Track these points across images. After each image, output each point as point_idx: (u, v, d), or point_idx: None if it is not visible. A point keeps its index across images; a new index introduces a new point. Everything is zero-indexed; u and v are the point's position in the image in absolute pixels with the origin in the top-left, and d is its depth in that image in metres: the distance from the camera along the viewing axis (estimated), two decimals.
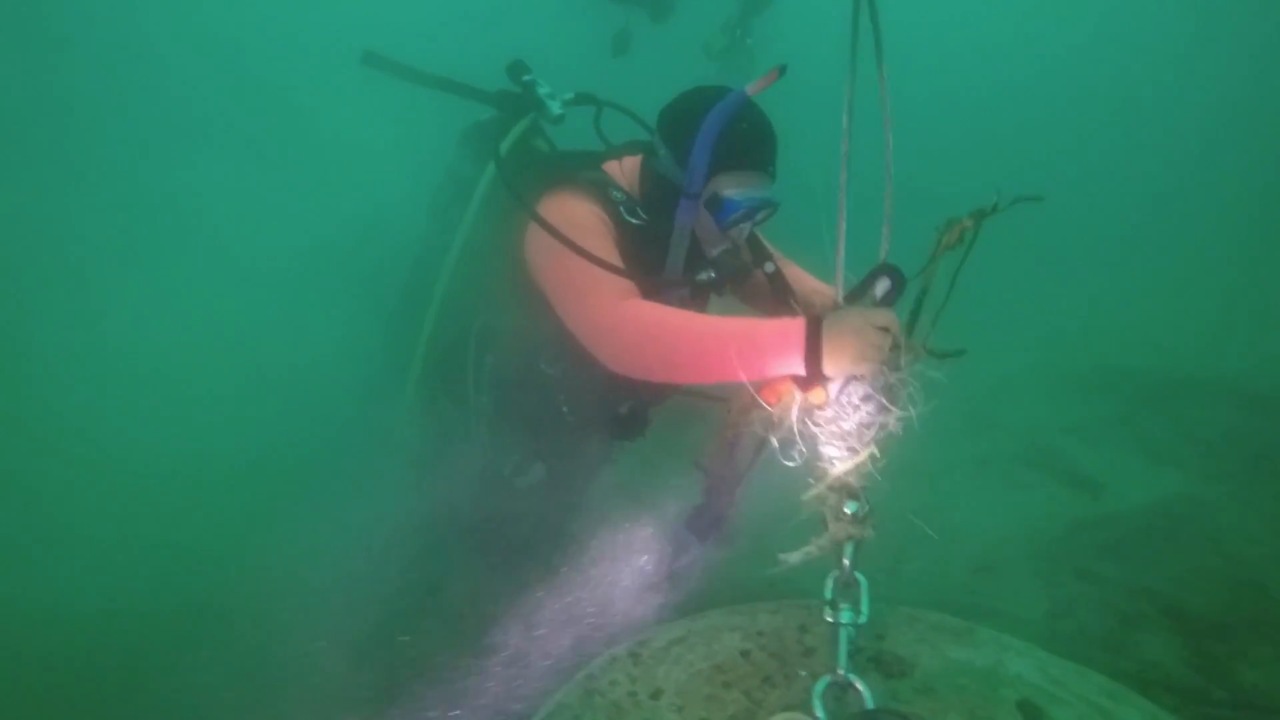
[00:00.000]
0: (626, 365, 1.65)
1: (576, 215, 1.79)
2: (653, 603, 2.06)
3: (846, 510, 1.40)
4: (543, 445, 2.32)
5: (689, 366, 1.57)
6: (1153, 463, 3.96)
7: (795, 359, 1.43)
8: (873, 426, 1.42)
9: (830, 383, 1.45)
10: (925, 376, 1.45)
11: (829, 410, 1.44)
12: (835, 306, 1.56)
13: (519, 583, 2.20)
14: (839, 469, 1.42)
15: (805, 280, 2.20)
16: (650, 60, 7.89)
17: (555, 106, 2.27)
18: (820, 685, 1.29)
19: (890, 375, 1.41)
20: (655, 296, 1.78)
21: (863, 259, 1.57)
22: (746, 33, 8.07)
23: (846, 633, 1.36)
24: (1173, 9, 16.49)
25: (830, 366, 1.41)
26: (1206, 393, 4.78)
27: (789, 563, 1.47)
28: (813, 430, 1.46)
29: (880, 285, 1.52)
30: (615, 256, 1.75)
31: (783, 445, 1.53)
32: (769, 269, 2.07)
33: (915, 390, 1.43)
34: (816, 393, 1.46)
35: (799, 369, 1.44)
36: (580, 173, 1.92)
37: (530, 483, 2.38)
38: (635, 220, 1.88)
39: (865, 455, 1.41)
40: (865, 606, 1.38)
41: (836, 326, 1.42)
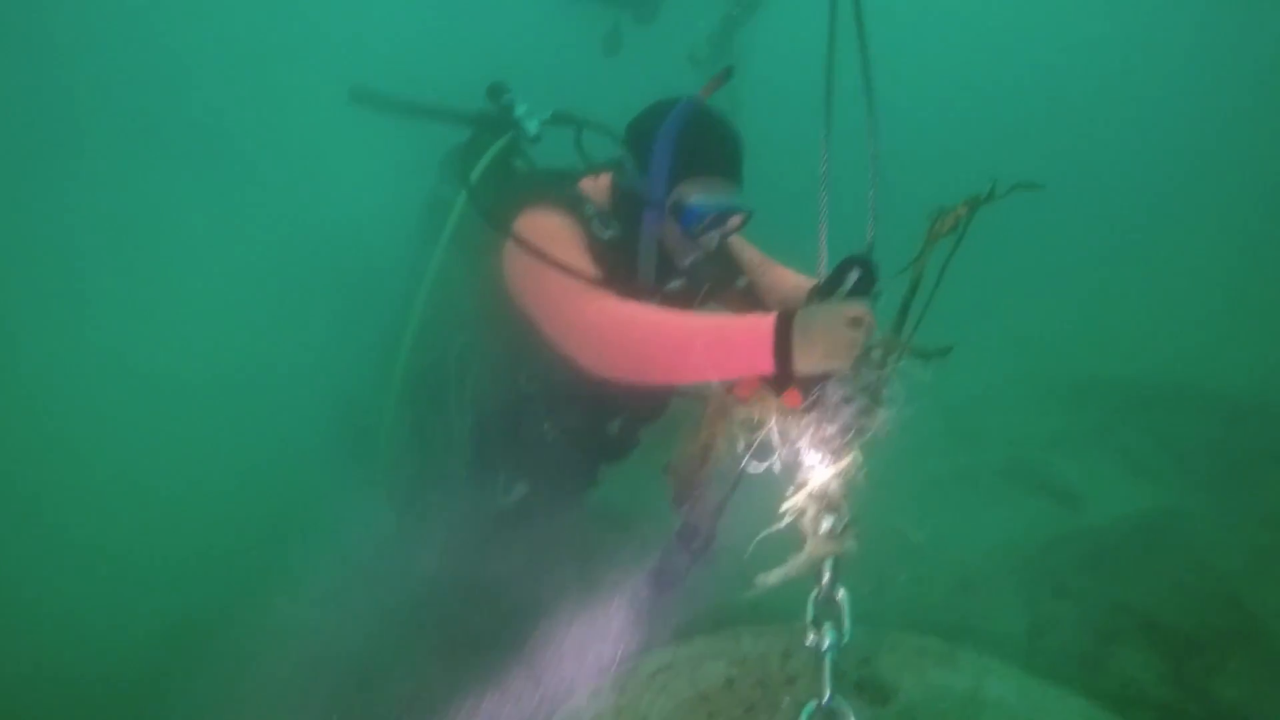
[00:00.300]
0: (603, 365, 1.66)
1: (550, 230, 1.82)
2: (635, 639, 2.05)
3: (824, 525, 1.34)
4: (525, 463, 2.33)
5: (662, 363, 1.57)
6: (1132, 474, 4.01)
7: (765, 356, 1.39)
8: (854, 430, 1.35)
9: (804, 383, 1.39)
10: (909, 379, 1.37)
11: (809, 414, 1.38)
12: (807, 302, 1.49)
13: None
14: (818, 478, 1.35)
15: (788, 280, 2.21)
16: (642, 64, 7.91)
17: (532, 126, 2.31)
18: (806, 712, 1.28)
19: (868, 372, 1.35)
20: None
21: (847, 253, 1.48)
22: (730, 42, 8.12)
23: (830, 655, 1.34)
24: (1153, 17, 16.76)
25: (801, 363, 1.36)
26: (1186, 403, 4.82)
27: (767, 584, 1.41)
28: (792, 436, 1.41)
29: (850, 277, 1.44)
30: (590, 267, 1.77)
31: (761, 451, 1.51)
32: (741, 284, 2.09)
33: (898, 390, 1.35)
34: (791, 395, 1.41)
35: (769, 367, 1.39)
36: (554, 190, 1.96)
37: (513, 502, 2.38)
38: (607, 234, 1.91)
39: (847, 461, 1.34)
40: (848, 625, 1.33)
41: (806, 322, 1.37)
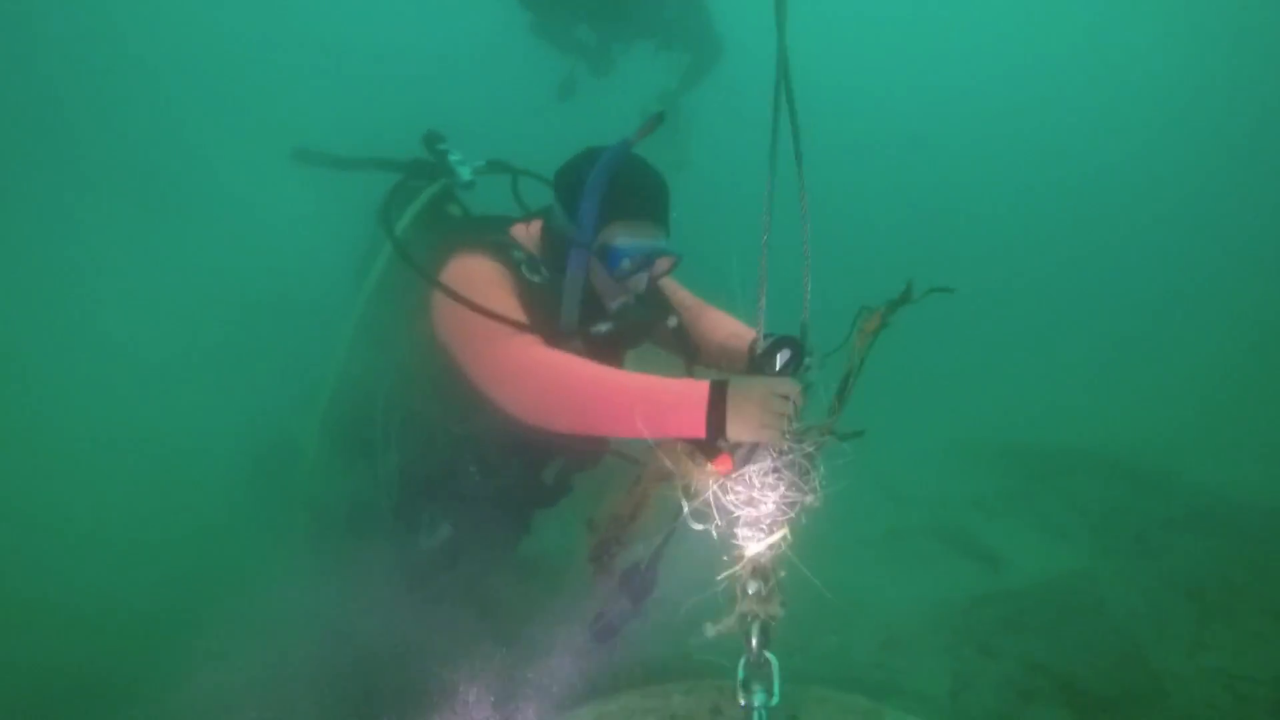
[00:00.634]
0: (528, 412, 1.66)
1: (477, 274, 1.84)
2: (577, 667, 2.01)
3: (750, 589, 1.41)
4: (450, 506, 2.29)
5: (590, 417, 1.59)
6: (1048, 537, 4.18)
7: (697, 422, 1.45)
8: (783, 505, 1.43)
9: (732, 450, 1.46)
10: (836, 453, 1.48)
11: (737, 485, 1.45)
12: (744, 370, 1.62)
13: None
14: (750, 550, 1.42)
15: (722, 326, 2.24)
16: (594, 109, 8.10)
17: (466, 173, 2.35)
18: None
19: (792, 448, 1.43)
20: (553, 348, 1.80)
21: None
22: (681, 100, 8.41)
23: (759, 716, 1.36)
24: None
25: (733, 431, 1.43)
26: (1098, 471, 5.09)
27: (706, 635, 1.45)
28: (724, 505, 1.45)
29: (781, 355, 1.59)
30: (516, 310, 1.79)
31: (696, 514, 1.54)
32: (672, 323, 2.11)
33: (822, 467, 1.45)
34: (721, 461, 1.47)
35: (699, 432, 1.45)
36: (483, 235, 1.98)
37: (436, 543, 2.32)
38: (536, 278, 1.92)
39: (777, 536, 1.41)
40: (776, 688, 1.39)
41: (741, 392, 1.44)
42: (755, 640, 1.41)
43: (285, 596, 2.44)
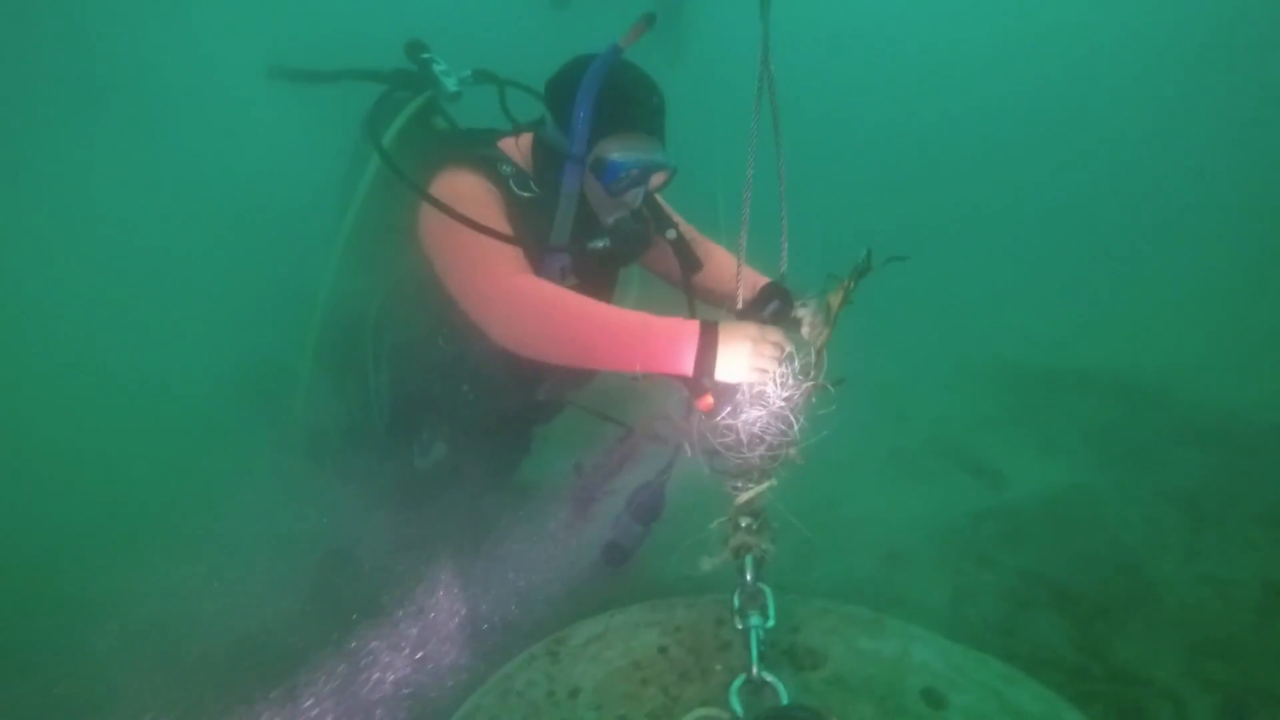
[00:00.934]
0: (514, 339, 1.64)
1: (463, 189, 1.79)
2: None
3: (742, 523, 1.47)
4: (444, 424, 2.28)
5: (578, 349, 1.58)
6: (1047, 453, 4.22)
7: (686, 360, 1.46)
8: (769, 455, 1.47)
9: (715, 391, 1.48)
10: (839, 372, 1.51)
11: (728, 433, 1.48)
12: (734, 309, 1.64)
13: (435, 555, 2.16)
14: (742, 498, 1.48)
15: (719, 256, 2.21)
16: (590, 21, 7.73)
17: (451, 84, 2.24)
18: (737, 683, 1.31)
19: (778, 394, 1.46)
20: (541, 263, 1.79)
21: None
22: (679, 13, 8.05)
23: (756, 634, 1.39)
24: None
25: (721, 372, 1.45)
26: (1095, 388, 5.13)
27: (702, 569, 1.52)
28: (718, 455, 1.50)
29: (771, 306, 1.60)
30: (506, 228, 1.74)
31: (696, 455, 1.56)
32: (670, 235, 2.07)
33: (811, 410, 1.49)
34: (704, 401, 1.50)
35: (687, 370, 1.47)
36: (470, 149, 1.91)
37: (431, 462, 2.33)
38: (526, 193, 1.87)
39: (764, 487, 1.47)
40: (772, 612, 1.43)
41: (734, 335, 1.45)
42: (749, 574, 1.45)
43: (275, 511, 2.46)
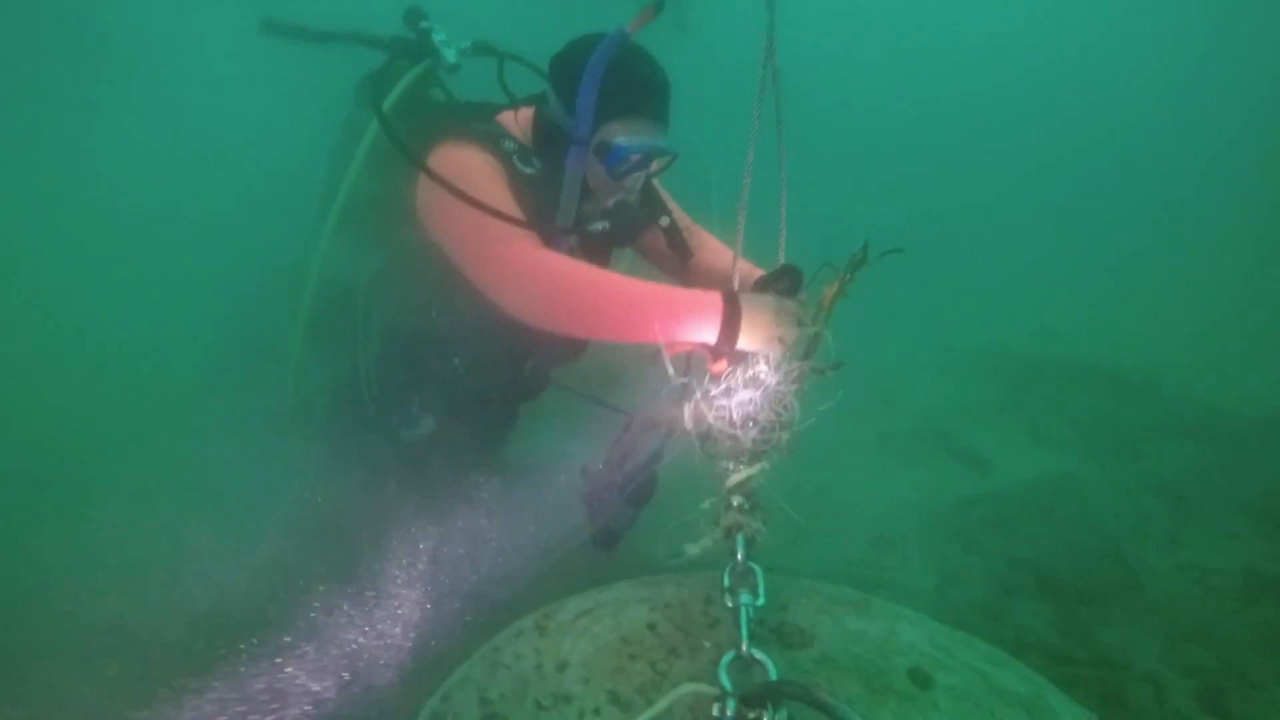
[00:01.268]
0: (534, 314, 1.62)
1: (468, 165, 1.75)
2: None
3: (734, 503, 1.47)
4: (432, 398, 2.26)
5: (599, 322, 1.57)
6: (1035, 442, 4.25)
7: (709, 329, 1.47)
8: (763, 435, 1.47)
9: (735, 358, 1.49)
10: (830, 360, 1.51)
11: (722, 411, 1.48)
12: (745, 287, 1.64)
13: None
14: (734, 479, 1.47)
15: (711, 246, 2.20)
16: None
17: (451, 55, 2.19)
18: (726, 658, 1.31)
19: (794, 367, 1.47)
20: (548, 244, 1.75)
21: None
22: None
23: (746, 612, 1.38)
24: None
25: (746, 341, 1.46)
26: (1083, 379, 5.18)
27: (689, 554, 1.51)
28: (712, 437, 1.49)
29: (782, 285, 1.62)
30: (511, 205, 1.71)
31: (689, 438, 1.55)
32: (664, 222, 2.06)
33: (802, 395, 1.49)
34: (719, 367, 1.51)
35: (711, 338, 1.48)
36: (471, 123, 1.87)
37: (418, 436, 2.30)
38: (528, 170, 1.84)
39: (758, 469, 1.47)
40: (762, 591, 1.42)
41: (758, 305, 1.48)
42: (740, 552, 1.45)
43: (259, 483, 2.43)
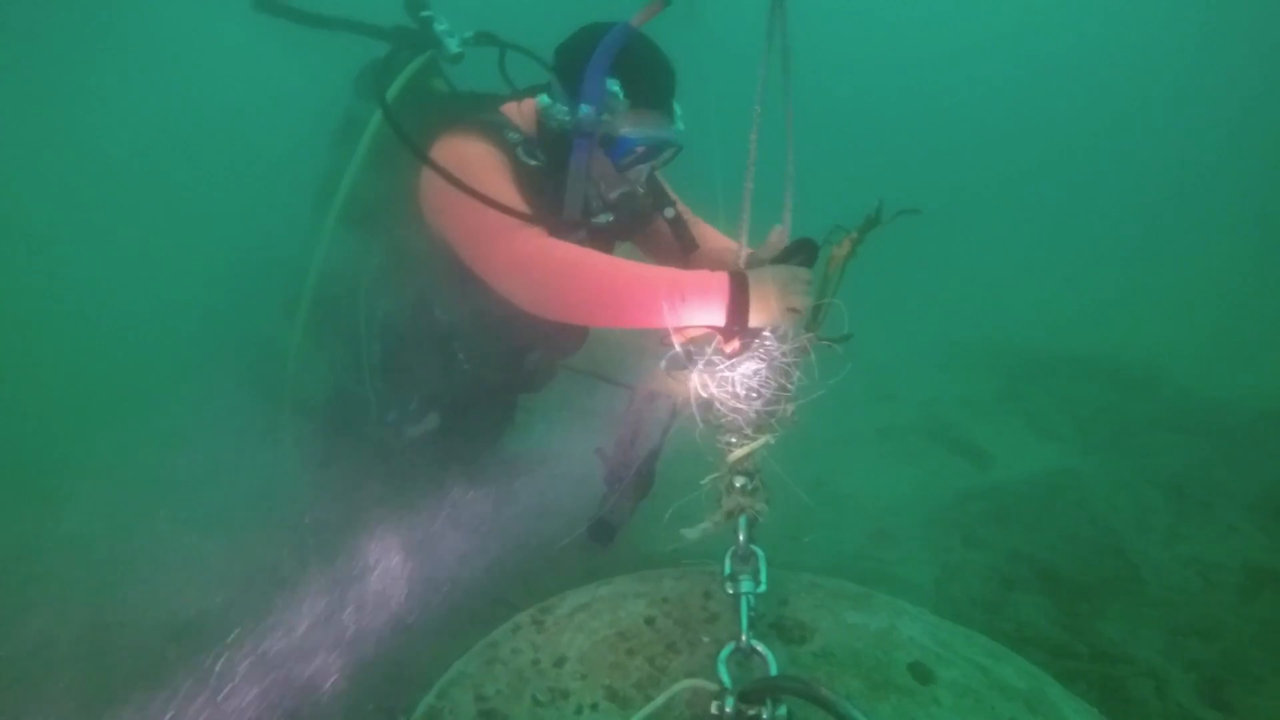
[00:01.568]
0: (542, 304, 1.61)
1: (472, 157, 1.73)
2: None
3: (737, 484, 1.46)
4: (437, 394, 2.24)
5: (608, 307, 1.55)
6: (1035, 435, 4.25)
7: (718, 310, 1.47)
8: (766, 410, 1.47)
9: (745, 335, 1.48)
10: (829, 353, 1.53)
11: (724, 387, 1.48)
12: (755, 263, 1.61)
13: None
14: (736, 453, 1.46)
15: (713, 238, 2.18)
16: None
17: (453, 45, 2.15)
18: (725, 652, 1.29)
19: (800, 339, 1.48)
20: (557, 236, 1.73)
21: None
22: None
23: (747, 600, 1.37)
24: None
25: (757, 317, 1.46)
26: (1084, 372, 5.17)
27: (688, 538, 1.51)
28: (714, 407, 1.49)
29: (797, 258, 1.59)
30: (516, 198, 1.69)
31: (692, 411, 1.53)
32: (669, 214, 2.04)
33: (809, 369, 1.49)
34: (731, 345, 1.50)
35: (720, 320, 1.47)
36: (475, 114, 1.84)
37: (423, 432, 2.28)
38: (533, 162, 1.82)
39: (761, 442, 1.46)
40: (764, 577, 1.41)
41: (765, 279, 1.46)
42: (742, 535, 1.43)
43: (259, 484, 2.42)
